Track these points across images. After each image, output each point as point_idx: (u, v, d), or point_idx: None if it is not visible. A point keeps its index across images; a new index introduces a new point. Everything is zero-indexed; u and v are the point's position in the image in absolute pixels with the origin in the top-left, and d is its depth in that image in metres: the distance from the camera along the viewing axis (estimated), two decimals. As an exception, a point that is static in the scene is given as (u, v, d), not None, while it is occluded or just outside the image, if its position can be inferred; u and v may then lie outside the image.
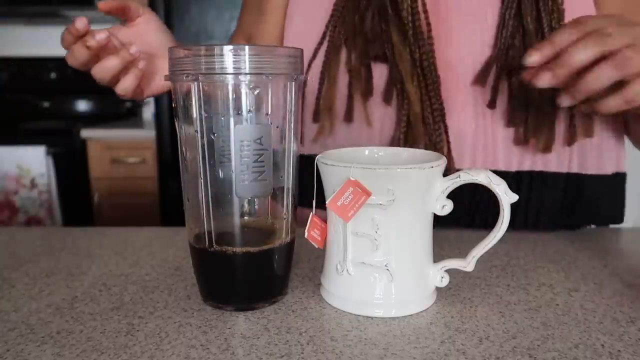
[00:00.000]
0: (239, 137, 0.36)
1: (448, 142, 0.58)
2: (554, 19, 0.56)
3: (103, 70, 0.53)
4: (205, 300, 0.40)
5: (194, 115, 0.36)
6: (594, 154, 0.60)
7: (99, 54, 0.53)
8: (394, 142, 0.60)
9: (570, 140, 0.57)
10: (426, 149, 0.56)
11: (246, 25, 0.72)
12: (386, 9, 0.59)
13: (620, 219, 0.65)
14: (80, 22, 0.51)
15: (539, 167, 0.58)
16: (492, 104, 0.58)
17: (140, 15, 0.58)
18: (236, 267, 0.38)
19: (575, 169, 0.59)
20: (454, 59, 0.58)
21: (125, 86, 0.54)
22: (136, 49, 0.53)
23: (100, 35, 0.51)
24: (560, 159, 0.59)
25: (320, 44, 0.62)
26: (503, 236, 0.38)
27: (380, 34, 0.59)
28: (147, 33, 0.59)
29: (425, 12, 0.58)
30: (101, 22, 0.67)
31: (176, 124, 0.39)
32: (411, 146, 0.57)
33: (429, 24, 0.58)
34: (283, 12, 0.66)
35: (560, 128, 0.57)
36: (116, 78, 0.54)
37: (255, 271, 0.39)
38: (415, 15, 0.57)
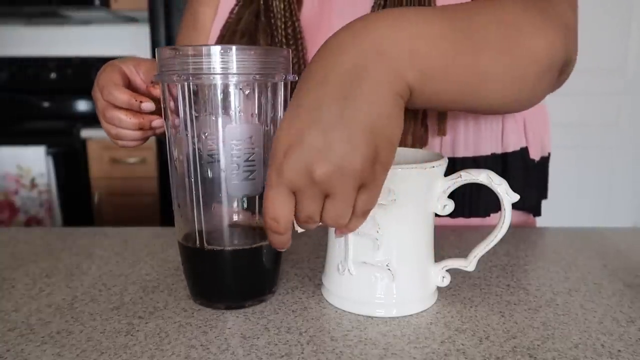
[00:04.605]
0: (229, 137, 0.36)
1: None
2: None
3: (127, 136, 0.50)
4: (195, 298, 0.40)
5: (183, 116, 0.36)
6: (469, 137, 0.60)
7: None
8: None
9: (422, 141, 0.57)
10: None
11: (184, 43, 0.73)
12: (259, 14, 0.61)
13: (532, 209, 0.66)
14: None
15: None
16: None
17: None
18: (226, 265, 0.38)
19: (448, 154, 0.59)
20: None
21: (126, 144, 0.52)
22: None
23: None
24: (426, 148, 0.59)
25: None
26: (503, 236, 0.38)
27: (249, 34, 0.61)
28: None
29: (297, 19, 0.60)
30: (100, 22, 0.68)
31: (165, 124, 0.39)
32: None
33: (300, 31, 0.59)
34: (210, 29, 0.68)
35: (417, 127, 0.57)
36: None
37: (245, 270, 0.39)
38: (287, 20, 0.59)
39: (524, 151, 0.62)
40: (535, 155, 0.65)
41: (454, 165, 0.59)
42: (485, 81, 0.40)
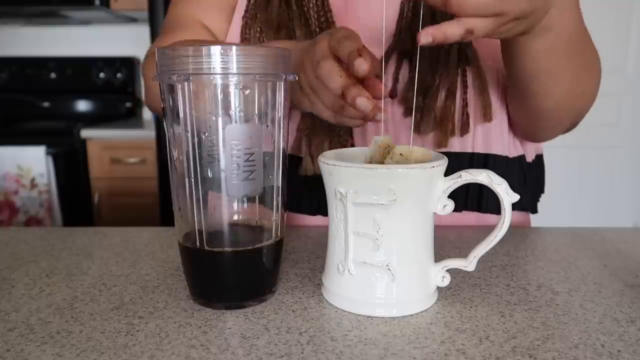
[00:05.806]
0: (230, 137, 0.36)
1: (352, 137, 0.60)
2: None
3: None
4: (195, 298, 0.40)
5: (183, 116, 0.36)
6: (497, 135, 0.61)
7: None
8: (297, 138, 0.61)
9: (465, 128, 0.58)
10: (330, 142, 0.58)
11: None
12: (290, 3, 0.60)
13: (529, 208, 0.68)
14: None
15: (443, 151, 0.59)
16: (392, 93, 0.58)
17: None
18: (226, 265, 0.38)
19: (479, 149, 0.60)
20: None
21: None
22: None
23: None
24: (462, 141, 0.59)
25: (242, 40, 0.63)
26: (503, 236, 0.38)
27: (285, 26, 0.60)
28: None
29: (329, 10, 0.60)
30: (100, 22, 0.67)
31: (164, 124, 0.39)
32: (318, 143, 0.59)
33: (332, 21, 0.59)
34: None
35: (460, 114, 0.58)
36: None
37: (244, 270, 0.39)
38: (320, 11, 0.59)
39: (522, 158, 0.65)
40: (530, 157, 0.66)
41: (486, 160, 0.61)
42: (570, 77, 0.51)
